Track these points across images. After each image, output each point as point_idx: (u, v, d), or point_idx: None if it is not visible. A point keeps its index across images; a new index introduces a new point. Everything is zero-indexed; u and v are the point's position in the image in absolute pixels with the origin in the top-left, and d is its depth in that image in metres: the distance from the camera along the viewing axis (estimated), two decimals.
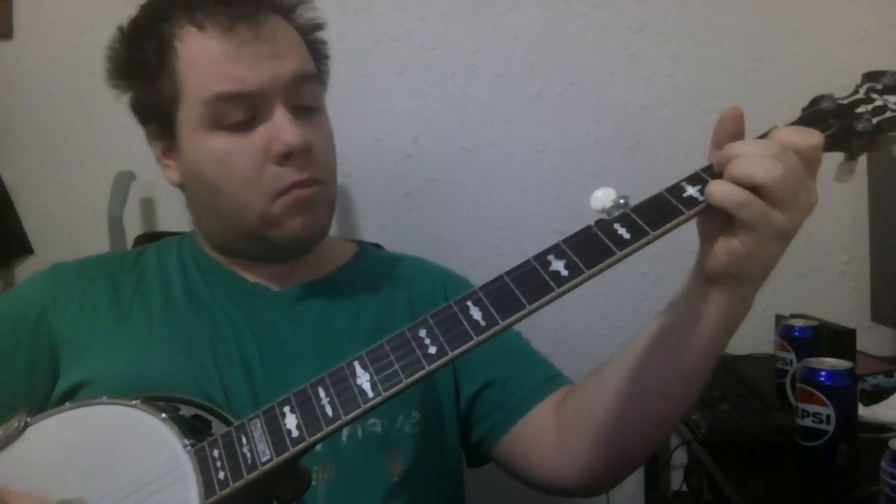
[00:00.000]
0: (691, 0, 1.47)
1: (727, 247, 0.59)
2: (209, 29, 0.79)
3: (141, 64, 0.82)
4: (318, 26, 0.89)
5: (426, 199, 1.52)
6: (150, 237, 1.22)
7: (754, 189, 0.57)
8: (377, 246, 1.09)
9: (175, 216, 0.87)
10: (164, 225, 1.53)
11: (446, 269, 0.99)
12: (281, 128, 0.78)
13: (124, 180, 1.44)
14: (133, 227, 1.46)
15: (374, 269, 0.94)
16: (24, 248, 1.56)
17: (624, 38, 1.48)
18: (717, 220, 0.60)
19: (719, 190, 0.58)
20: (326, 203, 0.84)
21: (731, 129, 0.62)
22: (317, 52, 0.89)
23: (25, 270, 1.56)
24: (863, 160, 1.34)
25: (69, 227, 1.55)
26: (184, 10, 0.80)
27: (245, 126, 0.79)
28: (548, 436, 0.82)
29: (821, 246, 1.48)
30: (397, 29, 1.50)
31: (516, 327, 0.93)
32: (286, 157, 0.79)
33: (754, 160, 0.57)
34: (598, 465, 0.78)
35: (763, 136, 0.61)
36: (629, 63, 1.48)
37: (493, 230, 1.51)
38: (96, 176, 1.50)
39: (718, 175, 0.59)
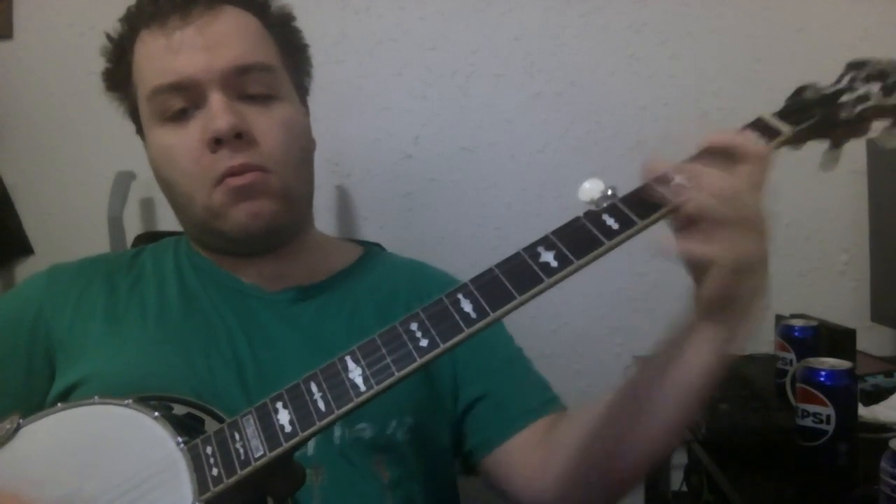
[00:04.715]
0: (691, 0, 1.47)
1: (716, 273, 0.58)
2: (153, 27, 0.80)
3: (115, 74, 0.86)
4: (285, 16, 0.89)
5: (426, 199, 1.51)
6: (150, 237, 1.22)
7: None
8: (379, 247, 1.09)
9: (175, 216, 0.87)
10: (164, 225, 1.53)
11: (447, 275, 0.97)
12: (212, 114, 0.78)
13: (124, 180, 1.44)
14: (133, 227, 1.46)
15: (375, 273, 0.93)
16: (24, 248, 1.57)
17: (624, 38, 1.48)
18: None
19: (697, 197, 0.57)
20: (270, 192, 0.80)
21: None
22: (285, 42, 0.88)
23: (25, 270, 1.57)
24: (863, 161, 1.36)
25: (69, 227, 1.55)
26: (139, 14, 0.82)
27: (184, 118, 0.80)
28: (533, 459, 0.81)
29: (821, 246, 1.48)
30: (397, 29, 1.50)
31: (519, 342, 0.93)
32: (218, 144, 0.78)
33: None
34: (580, 494, 0.77)
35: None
36: (629, 63, 1.48)
37: (493, 230, 1.51)
38: (96, 176, 1.50)
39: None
